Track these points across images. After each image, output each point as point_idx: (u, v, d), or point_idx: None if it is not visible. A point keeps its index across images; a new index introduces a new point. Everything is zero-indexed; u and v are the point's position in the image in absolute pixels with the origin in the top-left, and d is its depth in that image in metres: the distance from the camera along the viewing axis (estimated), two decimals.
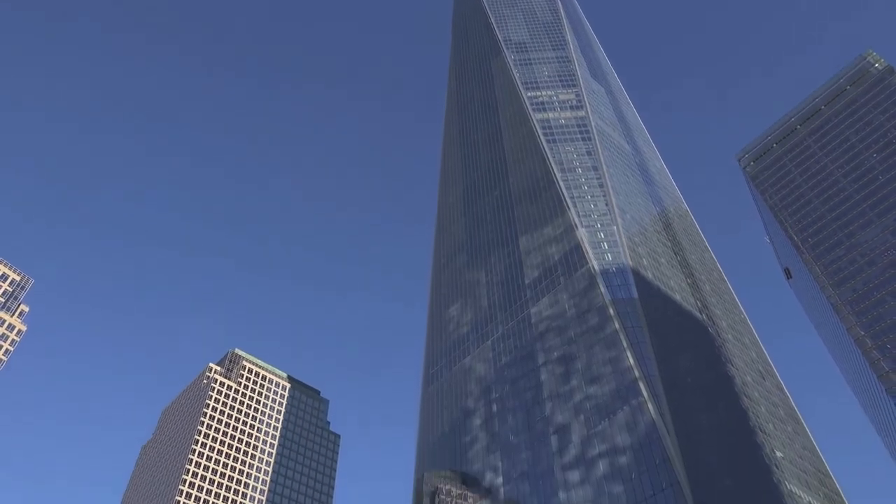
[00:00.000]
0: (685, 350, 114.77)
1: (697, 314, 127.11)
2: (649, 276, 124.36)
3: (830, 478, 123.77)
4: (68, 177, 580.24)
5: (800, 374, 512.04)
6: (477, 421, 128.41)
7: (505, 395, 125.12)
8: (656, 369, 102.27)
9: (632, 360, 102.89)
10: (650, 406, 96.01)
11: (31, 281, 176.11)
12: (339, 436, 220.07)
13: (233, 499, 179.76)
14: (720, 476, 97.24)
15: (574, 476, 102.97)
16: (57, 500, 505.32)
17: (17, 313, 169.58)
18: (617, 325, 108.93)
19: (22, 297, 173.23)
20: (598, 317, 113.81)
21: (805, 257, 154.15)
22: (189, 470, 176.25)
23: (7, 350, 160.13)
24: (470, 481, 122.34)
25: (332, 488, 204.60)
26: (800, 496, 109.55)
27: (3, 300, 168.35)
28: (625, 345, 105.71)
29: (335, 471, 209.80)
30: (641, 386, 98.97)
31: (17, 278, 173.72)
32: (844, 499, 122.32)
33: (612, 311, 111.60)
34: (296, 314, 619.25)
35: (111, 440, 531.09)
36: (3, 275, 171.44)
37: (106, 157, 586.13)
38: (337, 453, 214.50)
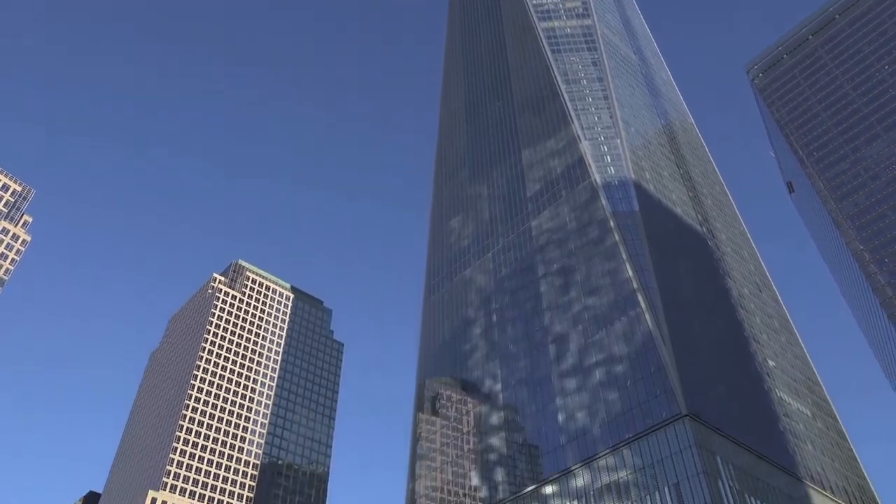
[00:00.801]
0: (684, 262, 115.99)
1: (698, 227, 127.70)
2: (651, 189, 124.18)
3: (819, 386, 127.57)
4: (65, 86, 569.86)
5: (797, 287, 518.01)
6: (477, 330, 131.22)
7: (505, 305, 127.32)
8: (654, 281, 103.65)
9: (630, 272, 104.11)
10: (647, 317, 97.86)
11: (33, 191, 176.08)
12: (342, 344, 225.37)
13: (240, 403, 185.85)
14: (713, 383, 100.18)
15: (571, 383, 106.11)
16: (71, 405, 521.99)
17: (20, 224, 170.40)
18: (617, 238, 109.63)
19: (24, 207, 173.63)
20: (599, 229, 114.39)
21: (809, 171, 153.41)
22: (197, 376, 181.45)
23: (13, 260, 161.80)
24: (470, 388, 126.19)
25: (336, 394, 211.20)
26: (789, 403, 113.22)
27: (6, 210, 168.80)
28: (624, 257, 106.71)
29: (339, 377, 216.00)
30: (639, 297, 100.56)
31: (19, 189, 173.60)
32: (832, 406, 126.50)
33: (612, 223, 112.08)
34: (299, 225, 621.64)
35: (121, 346, 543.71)
36: (3, 185, 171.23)
37: (104, 65, 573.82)
38: (340, 361, 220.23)
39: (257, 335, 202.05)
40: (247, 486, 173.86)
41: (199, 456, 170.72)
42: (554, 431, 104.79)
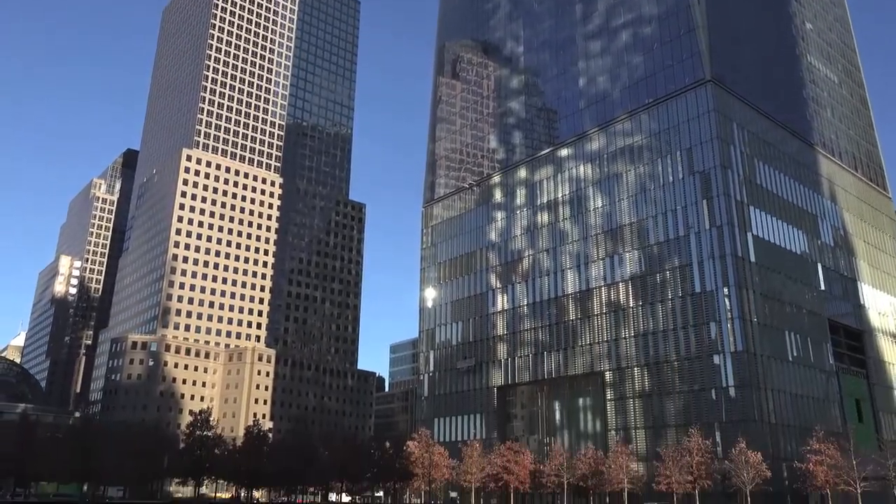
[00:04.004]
0: None
1: None
2: None
3: (854, 51, 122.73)
4: None
5: None
6: None
7: None
8: None
9: None
10: None
11: None
12: (358, 1, 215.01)
13: (260, 64, 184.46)
14: (743, 48, 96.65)
15: (595, 46, 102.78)
16: (95, 65, 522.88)
17: None
18: None
19: None
20: None
21: None
22: (213, 35, 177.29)
23: None
24: (491, 50, 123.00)
25: (355, 55, 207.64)
26: (818, 69, 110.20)
27: None
28: None
29: (356, 37, 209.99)
30: None
31: None
32: (862, 73, 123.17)
33: None
34: None
35: (129, 4, 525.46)
36: None
37: None
38: (357, 19, 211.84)
39: None
40: (274, 146, 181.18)
41: (226, 116, 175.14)
42: (573, 95, 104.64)
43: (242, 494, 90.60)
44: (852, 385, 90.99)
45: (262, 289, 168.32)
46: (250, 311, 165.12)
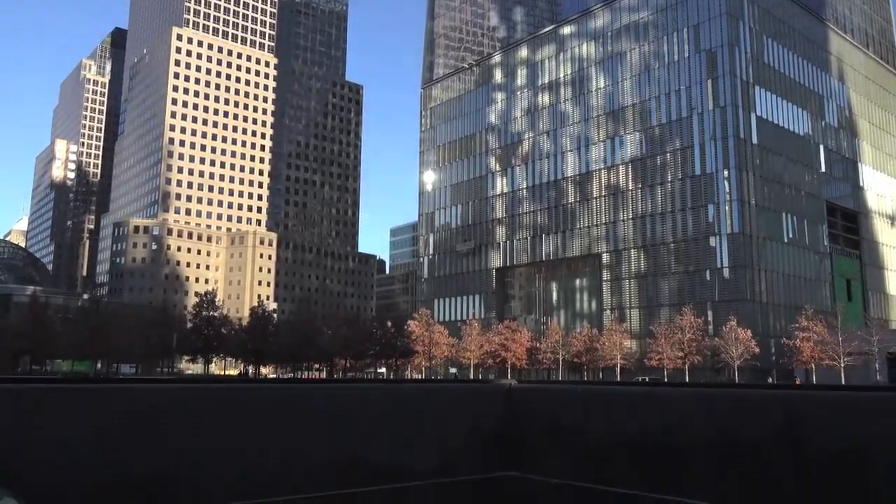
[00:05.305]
0: None
1: None
2: None
3: None
4: None
5: None
6: None
7: None
8: None
9: None
10: None
11: None
12: None
13: None
14: None
15: None
16: None
17: None
18: None
19: None
20: None
21: None
22: None
23: None
24: None
25: None
26: None
27: None
28: None
29: None
30: None
31: None
32: None
33: None
34: None
35: None
36: None
37: None
38: None
39: None
40: (267, 24, 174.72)
41: None
42: None
43: (250, 371, 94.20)
44: (845, 266, 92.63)
45: (261, 172, 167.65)
46: (250, 196, 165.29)
